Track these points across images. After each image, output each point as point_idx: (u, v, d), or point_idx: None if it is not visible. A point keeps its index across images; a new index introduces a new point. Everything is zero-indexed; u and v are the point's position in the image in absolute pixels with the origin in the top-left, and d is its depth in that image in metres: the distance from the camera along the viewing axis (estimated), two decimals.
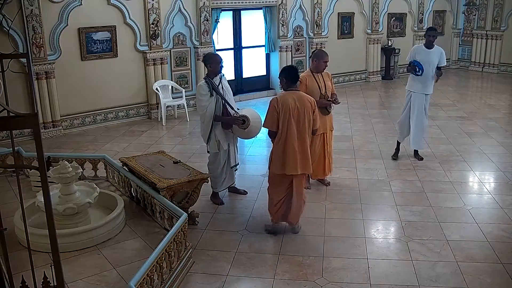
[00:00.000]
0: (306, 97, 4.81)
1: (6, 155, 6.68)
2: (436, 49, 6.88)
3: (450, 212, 5.46)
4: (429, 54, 6.80)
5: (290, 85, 4.80)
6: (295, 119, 4.67)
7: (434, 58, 6.81)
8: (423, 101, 6.92)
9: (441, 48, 7.00)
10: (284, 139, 4.71)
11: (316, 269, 4.36)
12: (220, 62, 5.54)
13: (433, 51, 6.84)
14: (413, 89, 6.98)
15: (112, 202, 5.35)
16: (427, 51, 6.84)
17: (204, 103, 5.45)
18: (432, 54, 6.81)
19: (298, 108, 4.68)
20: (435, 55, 6.82)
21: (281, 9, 11.62)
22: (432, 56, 6.81)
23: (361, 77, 13.85)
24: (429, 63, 6.78)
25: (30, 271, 3.08)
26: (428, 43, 6.87)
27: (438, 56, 6.83)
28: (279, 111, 4.65)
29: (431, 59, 6.79)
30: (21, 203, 3.01)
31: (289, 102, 4.66)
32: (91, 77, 9.30)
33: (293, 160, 4.73)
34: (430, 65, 6.79)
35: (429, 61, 6.78)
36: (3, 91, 3.56)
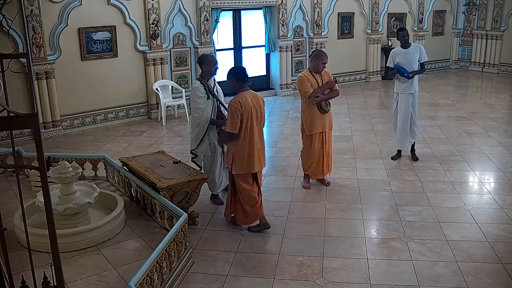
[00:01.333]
0: (258, 94, 4.99)
1: (6, 155, 6.68)
2: (414, 46, 6.97)
3: (450, 212, 5.46)
4: (408, 53, 6.85)
5: (242, 85, 4.86)
6: (255, 118, 4.82)
7: (413, 56, 6.85)
8: (409, 100, 6.94)
9: (419, 44, 7.16)
10: (248, 139, 4.82)
11: (316, 269, 4.36)
12: (215, 63, 5.49)
13: (411, 49, 6.89)
14: (399, 90, 7.01)
15: (112, 202, 5.35)
16: (404, 51, 6.88)
17: (201, 105, 5.36)
18: (411, 53, 6.86)
19: (256, 107, 4.83)
20: (414, 53, 6.87)
21: (281, 9, 11.62)
22: (411, 55, 6.85)
23: (361, 77, 13.85)
24: (410, 62, 6.83)
25: (30, 271, 3.08)
26: (404, 43, 6.88)
27: (417, 53, 6.87)
28: (243, 112, 4.72)
29: (410, 58, 6.84)
30: (21, 203, 3.01)
31: (249, 102, 4.77)
32: (91, 77, 9.30)
33: (258, 158, 4.90)
34: (412, 64, 6.84)
35: (409, 61, 6.83)
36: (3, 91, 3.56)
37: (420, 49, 6.92)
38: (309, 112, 5.94)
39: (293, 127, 8.88)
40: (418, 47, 6.98)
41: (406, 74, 6.73)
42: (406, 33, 6.88)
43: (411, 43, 6.99)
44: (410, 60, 6.83)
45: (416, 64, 6.88)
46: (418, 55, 6.86)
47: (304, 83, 5.84)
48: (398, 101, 7.06)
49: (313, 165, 6.12)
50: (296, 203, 5.77)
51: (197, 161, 5.73)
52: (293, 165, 7.01)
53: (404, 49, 6.89)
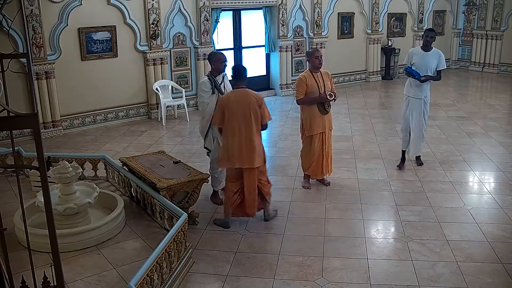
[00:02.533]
0: (252, 93, 5.08)
1: (6, 155, 6.68)
2: (434, 51, 6.53)
3: (450, 212, 5.46)
4: (426, 57, 6.47)
5: (236, 83, 5.15)
6: (240, 116, 4.93)
7: (431, 61, 6.46)
8: (421, 105, 6.60)
9: (440, 50, 6.62)
10: (230, 135, 4.98)
11: (316, 269, 4.36)
12: (224, 61, 5.61)
13: (431, 53, 6.50)
14: (410, 93, 6.69)
15: (112, 202, 5.35)
16: (423, 53, 6.51)
17: (205, 99, 5.50)
18: (429, 57, 6.47)
19: (241, 106, 4.93)
20: (433, 57, 6.48)
21: (281, 9, 11.62)
22: (429, 59, 6.47)
23: (361, 77, 13.85)
24: (426, 66, 6.45)
25: (30, 271, 3.08)
26: (425, 45, 6.51)
27: (436, 58, 6.48)
28: (224, 109, 4.97)
29: (427, 62, 6.45)
30: (21, 203, 3.01)
31: (231, 101, 4.99)
32: (91, 77, 9.30)
33: (239, 154, 4.94)
34: (427, 69, 6.45)
35: (425, 64, 6.45)
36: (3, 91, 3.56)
37: (440, 56, 6.51)
38: (309, 112, 5.94)
39: (293, 127, 8.87)
40: (438, 53, 6.54)
41: (418, 76, 6.38)
42: (433, 35, 6.47)
43: (433, 47, 6.58)
44: (426, 64, 6.46)
45: (432, 70, 6.49)
46: (436, 61, 6.47)
47: (299, 87, 5.85)
48: (408, 105, 6.74)
49: (313, 165, 6.12)
50: (296, 203, 5.77)
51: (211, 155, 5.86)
52: (293, 165, 7.01)
53: (423, 51, 6.53)
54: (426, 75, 6.44)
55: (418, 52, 6.59)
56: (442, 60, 6.53)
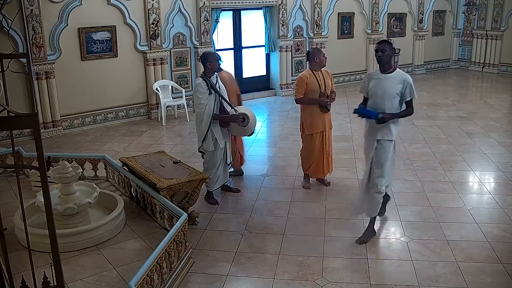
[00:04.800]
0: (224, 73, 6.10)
1: (6, 155, 6.68)
2: (398, 74, 4.66)
3: (450, 212, 5.46)
4: (384, 81, 4.64)
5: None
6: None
7: (391, 86, 4.60)
8: (370, 148, 4.77)
9: (406, 74, 4.71)
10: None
11: (316, 269, 4.36)
12: (218, 59, 5.62)
13: (392, 77, 4.63)
14: (365, 133, 4.93)
15: (112, 202, 5.35)
16: (380, 76, 4.69)
17: (203, 101, 5.47)
18: (389, 81, 4.62)
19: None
20: (394, 82, 4.61)
21: (281, 9, 11.62)
22: (388, 84, 4.61)
23: (361, 77, 13.82)
24: (383, 94, 4.62)
25: (30, 271, 3.08)
26: (380, 63, 4.69)
27: (400, 84, 4.61)
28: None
29: (385, 88, 4.61)
30: (21, 203, 3.01)
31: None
32: (91, 77, 9.30)
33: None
34: (385, 97, 4.61)
35: (383, 91, 4.62)
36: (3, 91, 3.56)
37: (406, 81, 4.61)
38: (309, 111, 5.95)
39: (293, 127, 8.87)
40: (404, 77, 4.63)
41: (374, 115, 4.58)
42: (385, 48, 4.59)
43: (396, 68, 4.73)
44: (384, 91, 4.61)
45: (393, 100, 4.61)
46: (400, 87, 4.60)
47: (299, 86, 5.85)
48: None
49: (313, 165, 6.12)
50: (296, 203, 5.77)
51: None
52: (293, 165, 7.01)
53: (380, 73, 4.70)
54: (385, 113, 4.58)
55: (375, 75, 4.78)
56: (410, 87, 4.62)
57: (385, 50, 4.62)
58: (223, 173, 5.85)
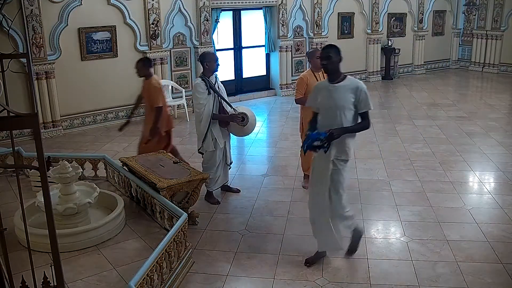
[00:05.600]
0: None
1: (6, 155, 6.68)
2: (349, 83, 4.12)
3: (450, 212, 5.46)
4: (334, 92, 4.09)
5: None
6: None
7: (342, 98, 4.05)
8: (327, 170, 4.11)
9: (359, 82, 4.18)
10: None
11: (316, 269, 4.36)
12: (216, 60, 5.60)
13: (342, 87, 4.09)
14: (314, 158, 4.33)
15: (112, 202, 5.35)
16: (329, 87, 4.13)
17: (202, 101, 5.48)
18: (339, 92, 4.07)
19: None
20: (345, 92, 4.06)
21: (281, 9, 11.62)
22: (339, 95, 4.06)
23: (361, 77, 13.84)
24: (334, 106, 4.07)
25: (30, 271, 3.07)
26: (326, 73, 4.23)
27: (351, 94, 4.06)
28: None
29: (337, 100, 4.06)
30: (21, 203, 3.01)
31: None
32: (91, 77, 9.30)
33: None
34: (336, 111, 4.06)
35: (334, 104, 4.08)
36: (3, 91, 3.56)
37: (359, 90, 4.07)
38: (309, 111, 5.87)
39: (293, 127, 8.87)
40: (356, 86, 4.09)
41: (323, 135, 3.94)
42: (329, 55, 4.06)
43: (346, 76, 4.16)
44: (335, 104, 4.05)
45: (348, 114, 4.06)
46: (352, 98, 4.06)
47: (299, 87, 5.86)
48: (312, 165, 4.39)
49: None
50: (296, 203, 5.77)
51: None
52: (293, 165, 7.01)
53: (329, 83, 4.15)
54: (334, 130, 3.94)
55: (324, 85, 4.22)
56: (364, 97, 4.08)
57: (330, 57, 4.07)
58: (223, 173, 5.86)
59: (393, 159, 7.24)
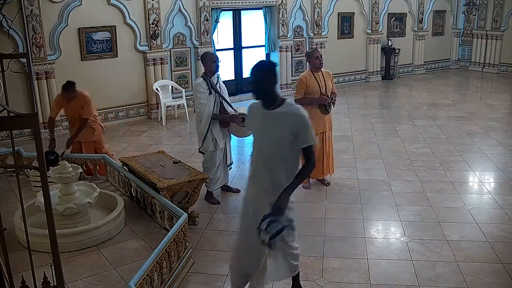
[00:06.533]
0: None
1: (6, 155, 6.68)
2: (286, 110, 3.29)
3: (450, 212, 5.46)
4: (266, 121, 3.32)
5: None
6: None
7: (276, 128, 3.26)
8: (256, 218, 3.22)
9: (299, 109, 3.34)
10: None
11: (316, 269, 4.36)
12: (215, 61, 5.59)
13: (277, 114, 3.28)
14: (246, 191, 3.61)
15: (112, 202, 5.35)
16: (264, 113, 3.34)
17: (202, 100, 5.48)
18: (273, 121, 3.28)
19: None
20: (282, 122, 3.25)
21: (281, 9, 11.62)
22: (272, 124, 3.28)
23: (361, 77, 13.85)
24: (269, 138, 3.31)
25: (30, 271, 3.07)
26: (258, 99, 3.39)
27: (288, 124, 3.23)
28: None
29: (270, 129, 3.29)
30: (21, 203, 3.01)
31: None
32: (91, 77, 9.29)
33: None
34: (271, 141, 3.29)
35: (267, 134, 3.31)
36: (3, 91, 3.56)
37: (298, 120, 3.25)
38: (309, 112, 5.86)
39: None
40: (295, 113, 3.27)
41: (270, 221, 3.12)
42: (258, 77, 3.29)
43: (283, 98, 3.34)
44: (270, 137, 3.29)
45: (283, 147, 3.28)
46: (290, 131, 3.23)
47: (299, 87, 5.85)
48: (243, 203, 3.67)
49: None
50: (296, 203, 5.75)
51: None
52: None
53: (264, 108, 3.34)
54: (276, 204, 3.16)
55: (258, 109, 3.40)
56: (304, 129, 3.25)
57: (261, 81, 3.27)
58: (223, 173, 5.86)
59: (393, 159, 7.24)
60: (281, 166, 3.32)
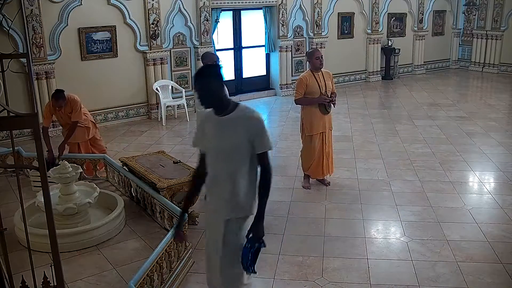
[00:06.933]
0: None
1: (6, 155, 6.69)
2: (240, 114, 2.99)
3: (450, 212, 5.46)
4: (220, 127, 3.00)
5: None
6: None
7: (229, 135, 2.98)
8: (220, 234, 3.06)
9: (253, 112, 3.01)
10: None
11: (316, 269, 4.36)
12: (215, 61, 5.63)
13: (229, 120, 2.98)
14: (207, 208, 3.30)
15: (112, 202, 5.35)
16: (216, 121, 3.03)
17: None
18: (225, 127, 2.99)
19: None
20: (235, 127, 2.97)
21: (281, 9, 11.62)
22: (225, 131, 2.99)
23: (361, 77, 13.85)
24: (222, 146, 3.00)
25: (30, 271, 3.08)
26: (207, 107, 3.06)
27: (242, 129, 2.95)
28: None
29: (224, 137, 2.99)
30: (21, 203, 3.01)
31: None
32: (91, 77, 9.30)
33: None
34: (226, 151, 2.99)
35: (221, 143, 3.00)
36: (3, 91, 3.56)
37: (253, 123, 2.96)
38: (309, 112, 5.95)
39: (293, 127, 8.87)
40: (250, 115, 2.98)
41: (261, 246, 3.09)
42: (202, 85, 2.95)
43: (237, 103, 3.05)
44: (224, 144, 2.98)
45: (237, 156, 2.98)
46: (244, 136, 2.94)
47: (299, 87, 5.85)
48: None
49: (313, 166, 6.12)
50: (296, 203, 5.77)
51: None
52: (293, 165, 7.01)
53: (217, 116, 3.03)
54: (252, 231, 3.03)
55: (209, 117, 3.09)
56: (260, 133, 2.96)
57: (206, 86, 2.94)
58: None
59: (393, 159, 7.24)
60: (239, 176, 3.00)
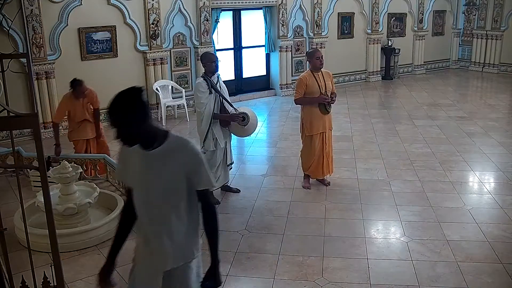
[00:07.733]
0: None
1: (6, 155, 6.68)
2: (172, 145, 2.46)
3: (450, 212, 5.46)
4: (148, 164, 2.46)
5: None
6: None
7: (162, 172, 2.46)
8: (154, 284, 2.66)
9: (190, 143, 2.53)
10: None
11: (316, 269, 4.36)
12: (214, 61, 5.59)
13: (159, 154, 2.43)
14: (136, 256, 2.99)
15: (112, 202, 5.35)
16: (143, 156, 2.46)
17: (203, 100, 5.48)
18: (157, 163, 2.45)
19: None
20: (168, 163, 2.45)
21: (281, 9, 11.62)
22: (157, 167, 2.46)
23: (361, 77, 13.85)
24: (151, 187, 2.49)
25: (30, 271, 3.08)
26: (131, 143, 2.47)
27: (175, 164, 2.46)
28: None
29: (153, 176, 2.47)
30: (21, 203, 3.01)
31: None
32: (91, 77, 9.25)
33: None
34: (156, 192, 2.48)
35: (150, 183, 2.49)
36: (3, 91, 3.56)
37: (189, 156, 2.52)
38: (309, 112, 5.95)
39: (293, 127, 8.87)
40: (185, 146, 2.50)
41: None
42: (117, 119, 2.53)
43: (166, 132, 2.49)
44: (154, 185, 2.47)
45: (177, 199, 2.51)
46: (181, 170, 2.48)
47: (299, 87, 5.86)
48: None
49: (313, 166, 6.12)
50: (296, 203, 5.77)
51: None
52: (293, 165, 7.01)
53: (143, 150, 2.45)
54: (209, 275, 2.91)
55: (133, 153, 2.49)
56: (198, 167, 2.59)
57: (123, 126, 2.46)
58: (223, 173, 5.85)
59: (393, 159, 7.24)
60: (175, 218, 2.53)
